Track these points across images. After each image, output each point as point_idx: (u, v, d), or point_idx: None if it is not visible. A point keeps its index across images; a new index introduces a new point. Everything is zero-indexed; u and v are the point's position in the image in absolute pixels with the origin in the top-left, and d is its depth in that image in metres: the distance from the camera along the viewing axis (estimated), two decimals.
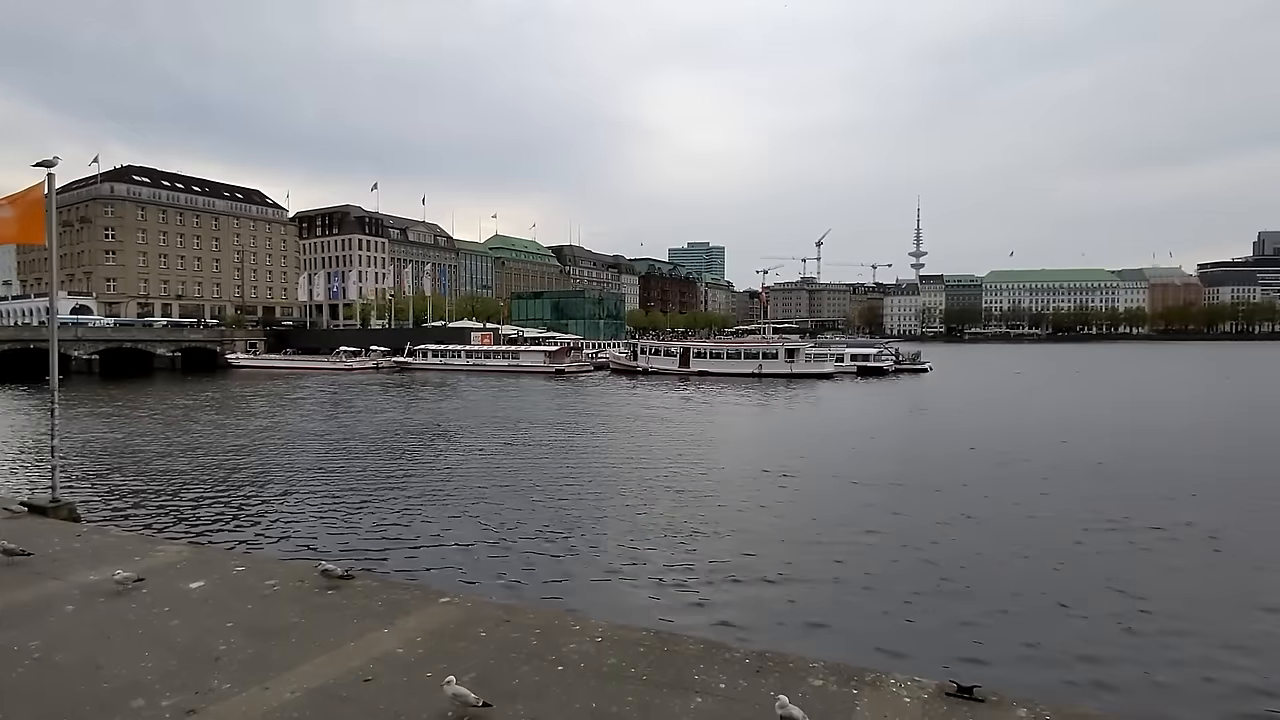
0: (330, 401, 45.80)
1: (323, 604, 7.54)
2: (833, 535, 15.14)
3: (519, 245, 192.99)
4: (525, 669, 6.04)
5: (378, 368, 76.64)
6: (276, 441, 28.62)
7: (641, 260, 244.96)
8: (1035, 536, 15.17)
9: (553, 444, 27.90)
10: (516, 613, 7.50)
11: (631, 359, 74.86)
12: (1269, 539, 15.35)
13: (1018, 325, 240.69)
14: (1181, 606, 11.27)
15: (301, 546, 14.30)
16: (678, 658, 6.27)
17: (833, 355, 73.61)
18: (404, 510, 17.26)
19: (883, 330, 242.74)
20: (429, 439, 29.42)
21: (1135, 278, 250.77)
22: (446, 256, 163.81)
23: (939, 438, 30.75)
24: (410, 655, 6.29)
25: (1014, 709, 5.37)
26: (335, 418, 37.04)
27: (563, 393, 52.61)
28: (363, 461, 23.96)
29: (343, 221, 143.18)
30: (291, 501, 18.29)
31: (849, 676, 5.94)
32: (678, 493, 19.03)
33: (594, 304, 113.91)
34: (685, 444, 27.84)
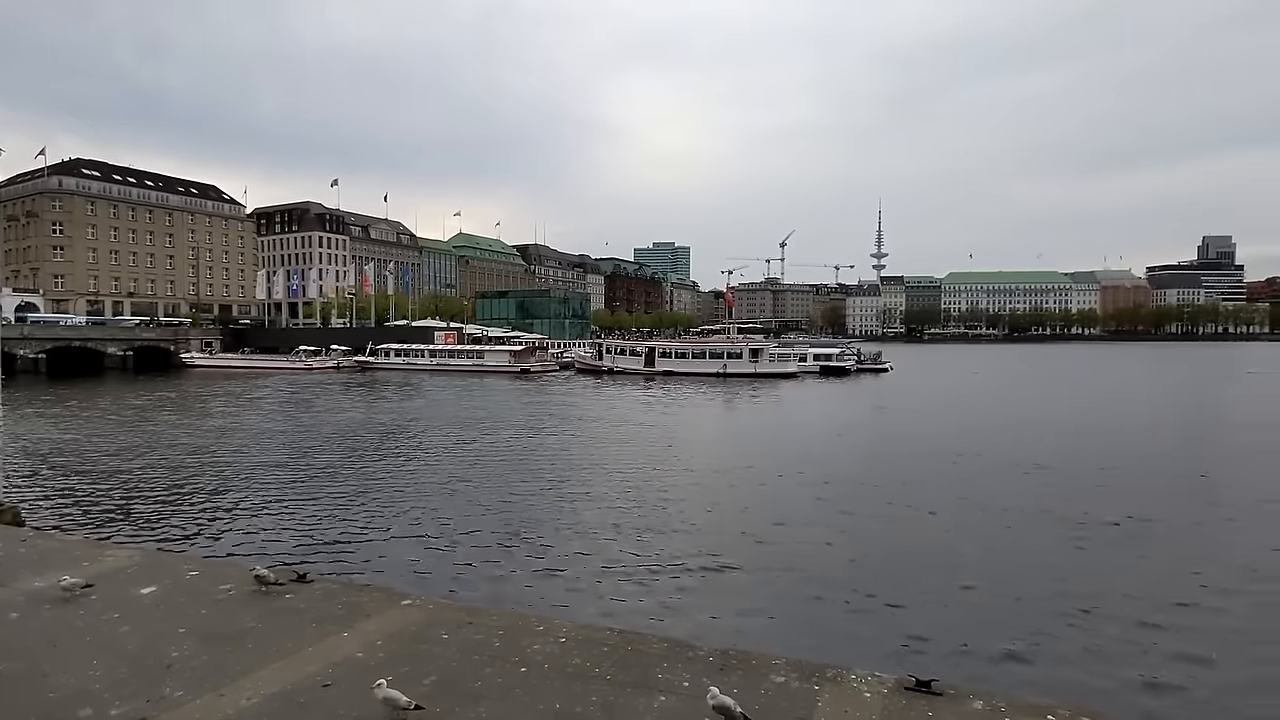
0: (289, 401, 44.91)
1: (281, 608, 7.39)
2: (795, 533, 15.30)
3: (483, 244, 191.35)
4: (488, 671, 6.00)
5: (338, 367, 75.36)
6: (233, 442, 27.98)
7: (607, 260, 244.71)
8: (988, 531, 15.50)
9: (517, 444, 27.73)
10: (480, 614, 7.44)
11: (597, 359, 74.75)
12: (1197, 531, 15.91)
13: (976, 326, 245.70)
14: (1121, 597, 11.61)
15: (259, 549, 14.00)
16: (642, 657, 6.27)
17: (796, 355, 74.38)
18: (365, 511, 17.00)
19: (845, 330, 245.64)
20: (391, 439, 29.03)
21: (1088, 280, 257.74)
22: (409, 255, 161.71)
23: (898, 436, 31.24)
24: (371, 659, 6.20)
25: (970, 701, 5.48)
26: (294, 418, 36.33)
27: (528, 393, 52.32)
28: (322, 462, 23.55)
29: (303, 218, 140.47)
30: (249, 504, 17.90)
31: (810, 673, 6.00)
32: (643, 492, 19.05)
33: (559, 303, 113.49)
34: (650, 444, 27.89)
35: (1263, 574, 12.87)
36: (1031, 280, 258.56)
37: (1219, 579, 12.62)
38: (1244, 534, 15.74)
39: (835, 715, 5.28)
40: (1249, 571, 13.00)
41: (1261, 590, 12.09)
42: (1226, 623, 10.76)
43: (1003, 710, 5.35)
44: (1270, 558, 13.89)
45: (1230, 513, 17.77)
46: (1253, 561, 13.58)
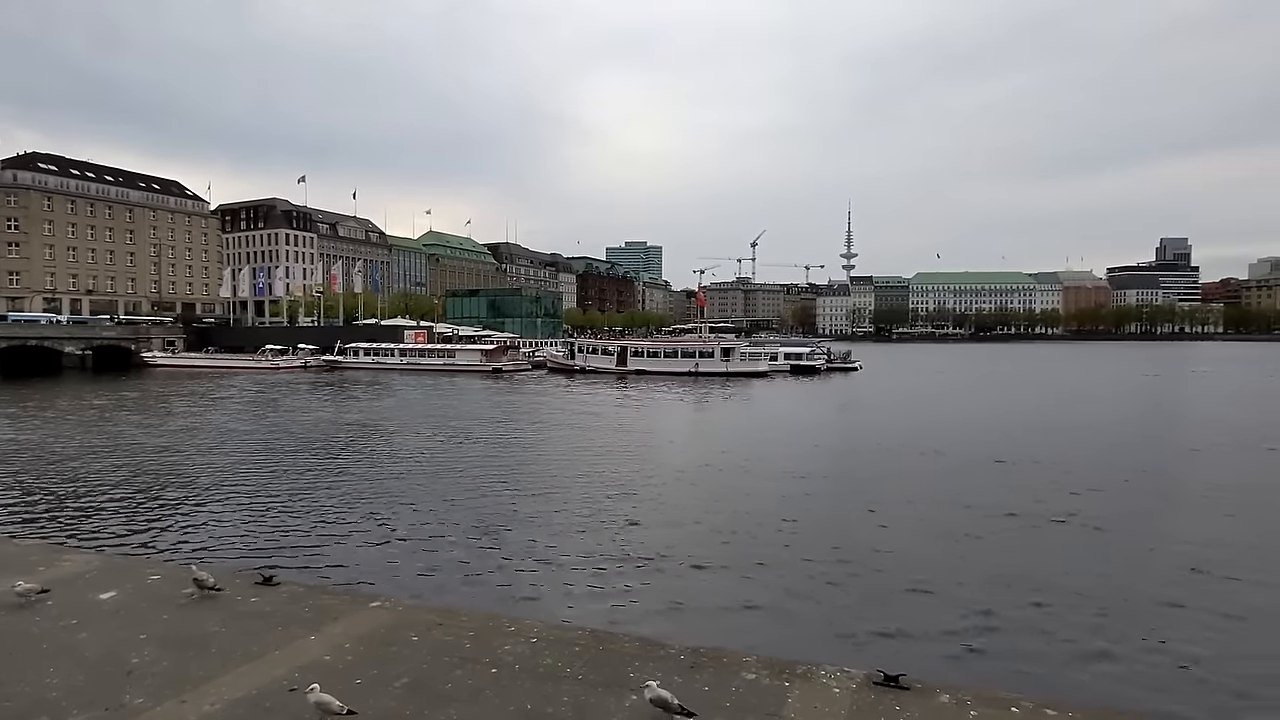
0: (255, 402, 44.13)
1: (246, 612, 7.26)
2: (765, 530, 15.40)
3: (454, 242, 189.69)
4: (459, 673, 5.96)
5: (306, 367, 74.18)
6: (197, 443, 27.41)
7: (579, 259, 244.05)
8: (954, 527, 15.74)
9: (488, 444, 27.55)
10: (450, 616, 7.39)
11: (569, 358, 74.53)
12: (1149, 523, 16.35)
13: (943, 325, 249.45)
14: (1082, 589, 11.87)
15: (223, 553, 13.74)
16: (614, 656, 6.28)
17: (767, 354, 74.86)
18: (333, 513, 16.77)
19: (815, 330, 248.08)
20: (360, 440, 28.66)
21: (1051, 280, 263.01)
22: (379, 253, 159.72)
23: (866, 434, 31.59)
24: (339, 662, 6.13)
25: (937, 695, 5.57)
26: (260, 418, 35.71)
27: (500, 392, 52.01)
28: (289, 463, 23.17)
29: (269, 215, 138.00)
30: (213, 506, 17.55)
31: (781, 669, 6.06)
32: (615, 491, 19.04)
33: (531, 302, 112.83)
34: (622, 442, 27.89)
35: (1209, 563, 13.24)
36: (996, 281, 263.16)
37: (1169, 569, 12.96)
38: (1193, 525, 16.18)
39: (805, 711, 5.34)
40: (1199, 560, 13.36)
41: (1210, 578, 12.44)
42: (1183, 612, 11.04)
43: (968, 703, 5.45)
44: (1213, 550, 14.29)
45: (1180, 506, 18.26)
46: (1200, 551, 13.96)
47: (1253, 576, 12.66)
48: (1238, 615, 10.94)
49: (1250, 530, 15.88)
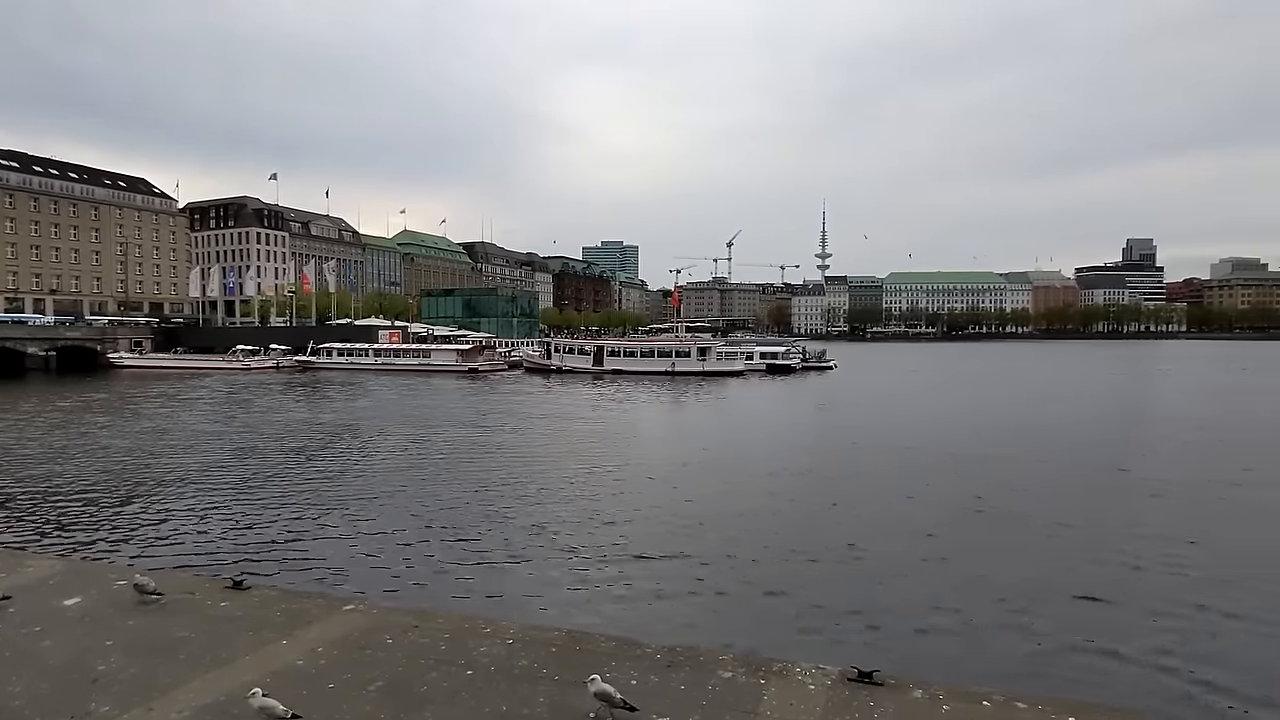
0: (226, 403, 43.45)
1: (216, 616, 7.15)
2: (742, 528, 15.47)
3: (429, 241, 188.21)
4: (434, 675, 5.92)
5: (278, 367, 73.16)
6: (165, 445, 26.92)
7: (555, 258, 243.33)
8: (925, 524, 15.94)
9: (464, 444, 27.38)
10: (425, 618, 7.33)
11: (545, 358, 74.32)
12: (1115, 520, 16.71)
13: (916, 325, 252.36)
14: (1047, 584, 12.09)
15: (193, 556, 13.52)
16: (590, 656, 6.27)
17: (743, 354, 75.20)
18: (306, 515, 16.57)
19: (791, 329, 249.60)
20: (334, 441, 28.34)
21: (1021, 280, 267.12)
22: (352, 252, 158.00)
23: (841, 433, 31.88)
24: (311, 667, 6.05)
25: (910, 690, 5.64)
26: (231, 420, 35.16)
27: (476, 392, 51.71)
28: (261, 465, 22.84)
29: (239, 214, 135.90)
30: (182, 508, 17.25)
31: (757, 667, 6.09)
32: (591, 491, 19.02)
33: (507, 302, 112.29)
34: (599, 442, 27.86)
35: (1170, 557, 13.54)
36: (968, 280, 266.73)
37: (1135, 562, 13.23)
38: (1158, 521, 16.54)
39: (781, 708, 5.37)
40: (1164, 554, 13.66)
41: (1174, 571, 12.73)
42: (1144, 604, 11.28)
43: (941, 698, 5.52)
44: (1177, 545, 14.61)
45: (1138, 502, 18.66)
46: (1167, 547, 14.28)
47: (1212, 573, 12.97)
48: (1202, 609, 11.19)
49: (1211, 525, 16.26)
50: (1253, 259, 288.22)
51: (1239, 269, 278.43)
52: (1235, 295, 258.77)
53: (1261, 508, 17.90)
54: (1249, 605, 11.27)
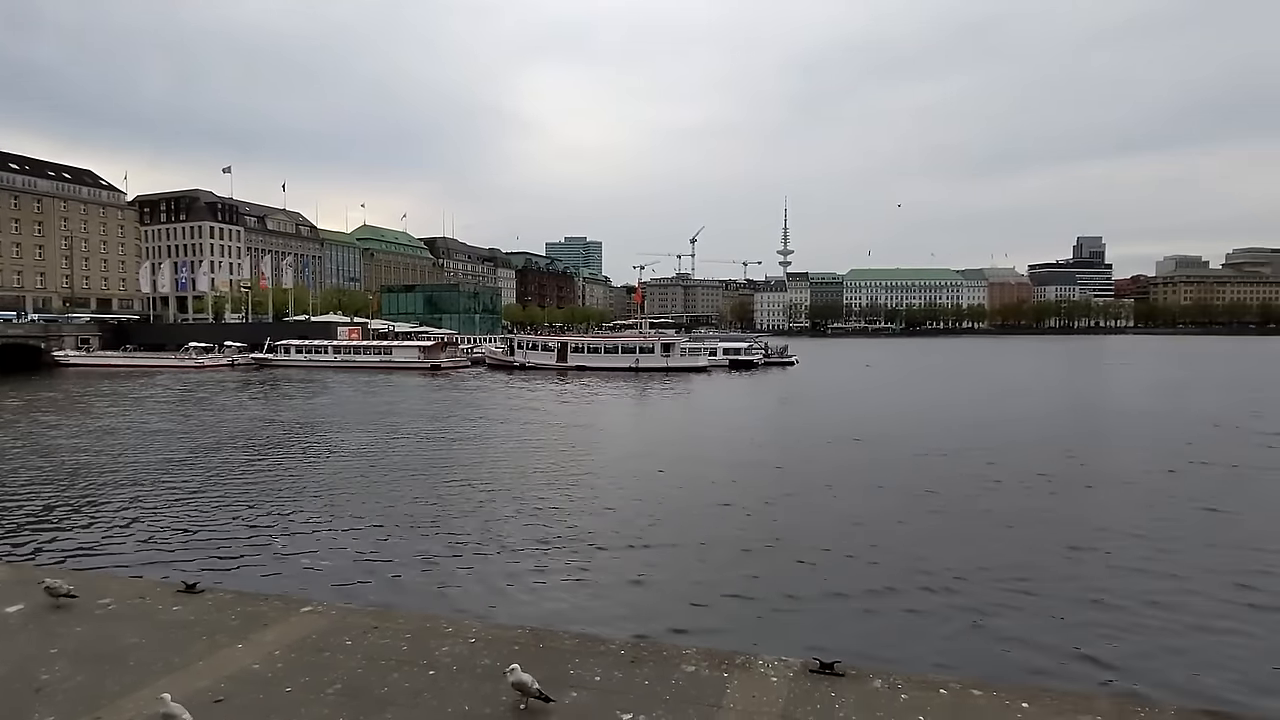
0: (179, 402, 42.28)
1: (168, 621, 6.95)
2: (705, 522, 15.55)
3: (389, 236, 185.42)
4: (395, 676, 5.83)
5: (233, 365, 71.46)
6: (114, 445, 26.10)
7: (518, 254, 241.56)
8: (887, 515, 16.22)
9: (427, 441, 27.06)
10: (386, 618, 7.22)
11: (508, 354, 73.82)
12: (1070, 510, 17.21)
13: (875, 320, 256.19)
14: (1002, 573, 12.40)
15: (143, 560, 13.14)
16: (553, 653, 6.24)
17: (706, 350, 75.58)
18: (261, 516, 16.21)
19: (753, 325, 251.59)
20: (291, 439, 27.77)
21: (977, 277, 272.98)
22: (310, 247, 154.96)
23: (801, 427, 32.26)
24: (268, 671, 5.92)
25: (871, 680, 5.72)
26: (183, 419, 34.22)
27: (439, 389, 51.14)
28: (214, 465, 22.28)
29: (191, 207, 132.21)
30: (132, 510, 16.74)
31: (720, 660, 6.12)
32: (555, 487, 18.94)
33: (469, 298, 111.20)
34: (562, 439, 27.76)
35: (1123, 547, 13.99)
36: (926, 277, 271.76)
37: (1079, 549, 13.64)
38: (1105, 513, 17.08)
39: (744, 701, 5.41)
40: (1118, 547, 14.11)
41: (1124, 557, 13.15)
42: (1097, 594, 11.63)
43: (900, 687, 5.61)
44: (1129, 537, 15.10)
45: (1097, 494, 19.25)
46: (1124, 539, 14.75)
47: (1169, 568, 13.42)
48: (1161, 603, 11.57)
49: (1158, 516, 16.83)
50: (1195, 257, 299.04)
51: (1182, 267, 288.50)
52: (1179, 292, 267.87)
53: (1215, 496, 18.57)
54: (1203, 592, 11.68)
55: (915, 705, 5.32)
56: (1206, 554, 13.67)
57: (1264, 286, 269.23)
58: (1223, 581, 12.08)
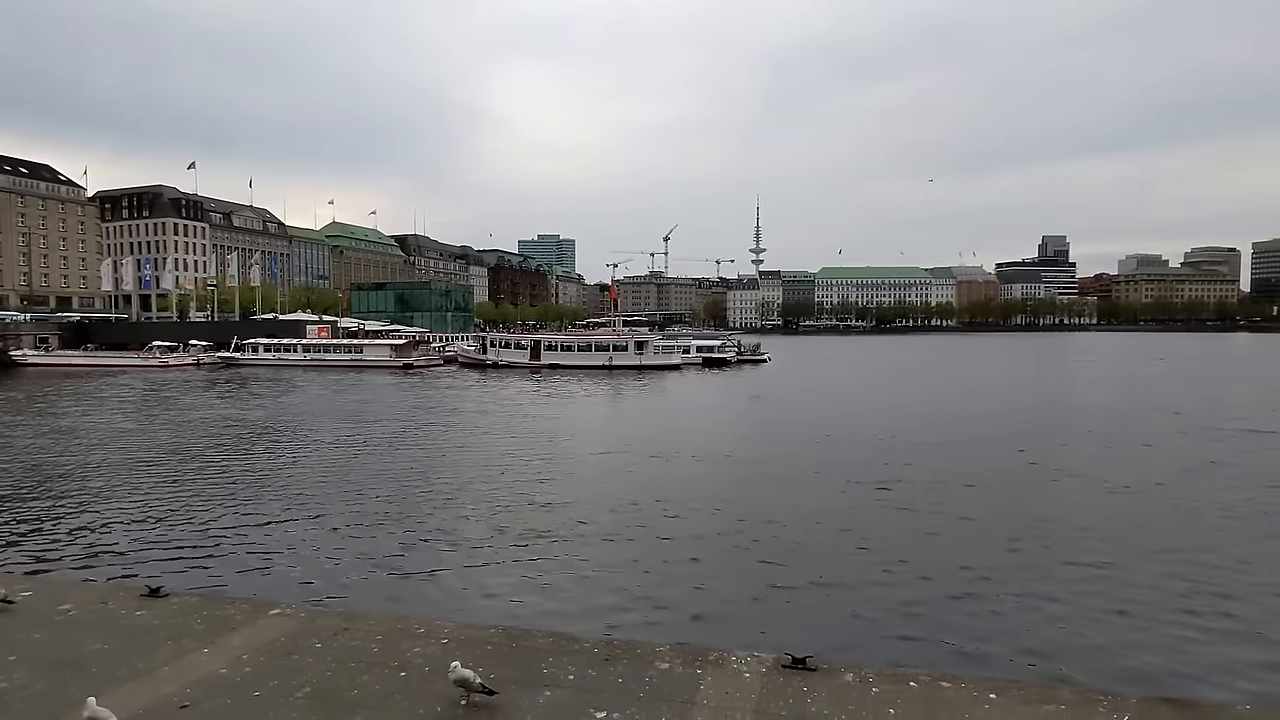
0: (143, 402, 41.37)
1: (131, 626, 6.81)
2: (680, 521, 15.57)
3: (359, 233, 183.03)
4: (366, 678, 5.78)
5: (199, 364, 70.10)
6: (74, 445, 25.46)
7: (490, 251, 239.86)
8: (857, 510, 16.40)
9: (399, 440, 26.78)
10: (357, 620, 7.15)
11: (481, 352, 73.36)
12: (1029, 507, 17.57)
13: (846, 318, 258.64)
14: (963, 569, 12.61)
15: (106, 564, 12.84)
16: (527, 653, 6.23)
17: (680, 347, 75.72)
18: (229, 517, 15.93)
19: (726, 323, 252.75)
20: (259, 440, 27.32)
21: (945, 275, 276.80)
22: (278, 244, 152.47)
23: (772, 424, 32.48)
24: (236, 675, 5.83)
25: (842, 674, 5.79)
26: (148, 419, 33.50)
27: (411, 388, 50.64)
28: (181, 465, 21.84)
29: (155, 203, 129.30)
30: (94, 513, 16.35)
31: (694, 657, 6.15)
32: (528, 488, 18.86)
33: (441, 296, 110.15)
34: (536, 437, 27.64)
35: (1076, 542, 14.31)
36: (895, 275, 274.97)
37: (1052, 546, 13.93)
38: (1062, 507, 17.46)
39: (717, 697, 5.44)
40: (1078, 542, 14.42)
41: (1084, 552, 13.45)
42: (1060, 586, 11.88)
43: (871, 680, 5.69)
44: (1085, 531, 15.45)
45: (1060, 489, 19.67)
46: (1085, 536, 15.08)
47: (1119, 564, 13.74)
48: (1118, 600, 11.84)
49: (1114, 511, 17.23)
50: (1155, 256, 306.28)
51: (1143, 265, 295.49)
52: (1140, 290, 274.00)
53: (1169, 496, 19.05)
54: (1162, 584, 11.99)
55: (886, 698, 5.40)
56: (1159, 549, 14.02)
57: (1220, 285, 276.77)
58: (1175, 575, 12.40)
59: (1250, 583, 11.98)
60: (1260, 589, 11.71)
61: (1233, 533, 14.95)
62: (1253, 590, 11.66)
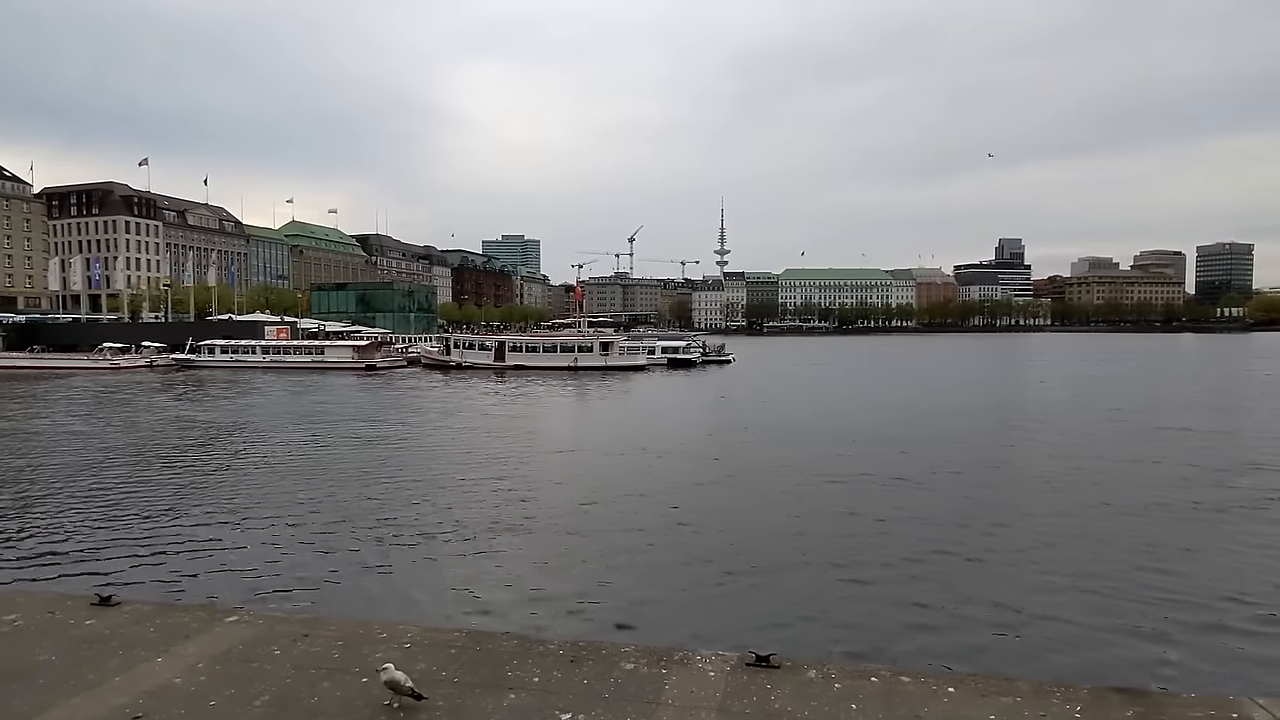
0: (92, 405, 40.12)
1: (81, 636, 6.60)
2: (643, 522, 15.59)
3: (319, 233, 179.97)
4: (327, 685, 5.68)
5: (151, 366, 68.24)
6: (18, 449, 24.59)
7: (454, 252, 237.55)
8: (822, 509, 16.61)
9: (358, 442, 26.38)
10: (316, 625, 7.02)
11: (445, 354, 72.65)
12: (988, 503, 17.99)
13: (809, 319, 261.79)
14: (918, 565, 12.87)
15: (52, 572, 12.43)
16: (492, 656, 6.18)
17: (645, 348, 75.90)
18: (184, 522, 15.53)
19: (691, 324, 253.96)
20: (214, 442, 26.69)
21: (905, 277, 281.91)
22: (235, 243, 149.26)
23: (736, 424, 32.72)
24: (190, 684, 5.68)
25: (805, 671, 5.86)
26: (97, 421, 32.50)
27: (374, 390, 49.93)
28: (132, 469, 21.22)
29: (105, 200, 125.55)
30: (38, 519, 15.80)
31: (659, 657, 6.17)
32: (492, 489, 18.71)
33: (404, 296, 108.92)
34: (499, 439, 27.46)
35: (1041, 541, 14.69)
36: (857, 277, 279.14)
37: (977, 549, 14.27)
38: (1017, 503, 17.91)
39: (682, 696, 5.47)
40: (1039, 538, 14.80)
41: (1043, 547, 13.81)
42: (1024, 580, 12.18)
43: (833, 676, 5.77)
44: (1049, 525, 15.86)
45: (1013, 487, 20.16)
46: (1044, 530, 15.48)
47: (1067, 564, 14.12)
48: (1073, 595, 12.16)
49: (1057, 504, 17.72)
50: (1106, 258, 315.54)
51: (1095, 268, 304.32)
52: (1092, 291, 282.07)
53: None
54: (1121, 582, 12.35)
55: (848, 693, 5.48)
56: (1106, 542, 14.45)
57: (1167, 287, 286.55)
58: (1119, 569, 12.80)
59: (1189, 573, 12.42)
60: (1205, 579, 12.15)
61: (1176, 523, 15.48)
62: (1198, 585, 12.07)
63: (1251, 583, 11.93)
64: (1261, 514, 16.59)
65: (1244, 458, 23.43)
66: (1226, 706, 5.25)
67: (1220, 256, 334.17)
